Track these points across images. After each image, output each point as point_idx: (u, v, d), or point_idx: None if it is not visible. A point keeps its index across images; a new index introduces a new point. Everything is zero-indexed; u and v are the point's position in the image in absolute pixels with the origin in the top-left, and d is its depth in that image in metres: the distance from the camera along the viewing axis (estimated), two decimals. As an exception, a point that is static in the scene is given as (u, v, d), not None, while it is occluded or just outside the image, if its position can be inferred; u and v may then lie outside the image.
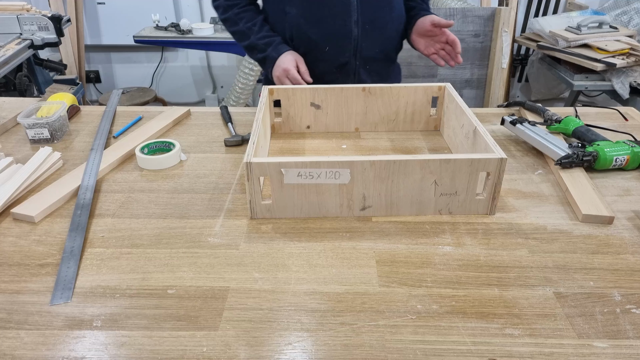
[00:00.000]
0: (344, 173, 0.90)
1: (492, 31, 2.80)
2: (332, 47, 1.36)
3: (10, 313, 0.74)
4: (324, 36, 1.35)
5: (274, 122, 1.29)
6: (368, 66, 1.41)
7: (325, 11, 1.32)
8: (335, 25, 1.33)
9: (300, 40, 1.37)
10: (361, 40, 1.36)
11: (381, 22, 1.36)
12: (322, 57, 1.37)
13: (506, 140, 1.25)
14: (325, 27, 1.33)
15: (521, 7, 3.35)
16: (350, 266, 0.83)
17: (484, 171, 0.92)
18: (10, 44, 2.16)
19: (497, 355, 0.67)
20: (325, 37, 1.35)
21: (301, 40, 1.37)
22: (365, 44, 1.37)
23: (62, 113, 1.27)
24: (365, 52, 1.38)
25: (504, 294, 0.77)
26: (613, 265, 0.83)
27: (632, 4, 2.96)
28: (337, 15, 1.32)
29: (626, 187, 1.05)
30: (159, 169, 1.13)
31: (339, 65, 1.39)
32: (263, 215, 0.95)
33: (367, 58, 1.40)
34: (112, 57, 3.62)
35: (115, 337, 0.70)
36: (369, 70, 1.42)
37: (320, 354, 0.67)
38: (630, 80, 2.52)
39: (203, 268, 0.83)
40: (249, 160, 0.88)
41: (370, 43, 1.37)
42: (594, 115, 1.40)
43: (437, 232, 0.92)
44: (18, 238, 0.90)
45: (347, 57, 1.38)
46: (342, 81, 1.38)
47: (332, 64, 1.39)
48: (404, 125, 1.31)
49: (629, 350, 0.67)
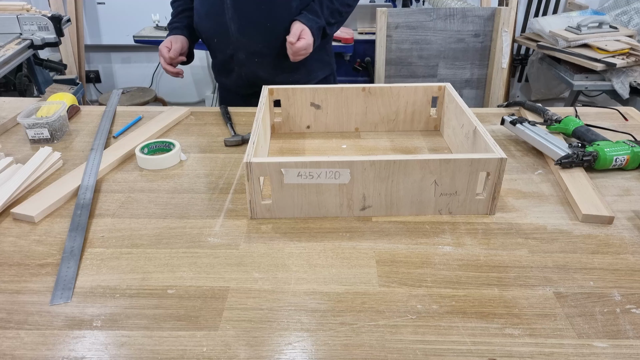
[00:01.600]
0: (344, 173, 0.90)
1: (492, 31, 2.80)
2: (218, 40, 1.48)
3: (10, 313, 0.74)
4: (209, 30, 1.48)
5: (274, 122, 1.29)
6: (257, 60, 1.47)
7: (209, 6, 1.44)
8: (214, 21, 1.44)
9: (199, 31, 1.53)
10: (241, 36, 1.43)
11: (257, 19, 1.41)
12: (215, 47, 1.52)
13: (506, 140, 1.25)
14: (209, 22, 1.47)
15: (521, 7, 3.35)
16: (350, 266, 0.83)
17: (484, 171, 0.92)
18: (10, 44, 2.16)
19: (497, 355, 0.67)
20: (210, 31, 1.48)
21: (200, 32, 1.52)
22: (245, 39, 1.44)
23: (62, 113, 1.27)
24: (248, 47, 1.45)
25: (504, 294, 0.77)
26: (613, 265, 0.83)
27: (632, 4, 2.96)
28: (215, 12, 1.43)
29: (626, 187, 1.05)
30: (159, 169, 1.13)
31: (228, 56, 1.49)
32: (263, 215, 0.95)
33: (252, 52, 1.46)
34: (112, 57, 3.62)
35: (115, 337, 0.70)
36: (259, 63, 1.48)
37: (320, 354, 0.67)
38: (630, 80, 2.52)
39: (203, 268, 0.83)
40: (249, 160, 0.88)
41: (250, 39, 1.43)
42: (594, 115, 1.40)
43: (437, 232, 0.92)
44: (18, 238, 0.90)
45: (232, 51, 1.47)
46: (237, 71, 1.52)
47: (224, 54, 1.50)
48: (404, 125, 1.31)
49: (629, 350, 0.67)
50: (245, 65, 1.49)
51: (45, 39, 2.25)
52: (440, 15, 2.76)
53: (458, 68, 2.89)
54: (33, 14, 2.27)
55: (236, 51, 1.47)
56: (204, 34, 1.52)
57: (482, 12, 2.78)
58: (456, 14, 2.77)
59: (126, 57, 3.62)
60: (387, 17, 2.74)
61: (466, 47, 2.84)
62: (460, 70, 2.90)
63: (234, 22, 1.41)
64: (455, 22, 2.78)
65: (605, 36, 2.70)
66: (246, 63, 1.48)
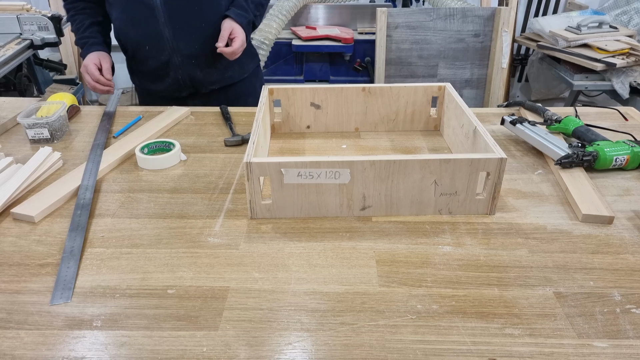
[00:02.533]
0: (344, 173, 0.90)
1: (492, 31, 2.80)
2: (151, 47, 1.45)
3: (10, 313, 0.74)
4: (141, 37, 1.44)
5: (274, 122, 1.29)
6: (194, 61, 1.48)
7: (137, 14, 1.40)
8: (146, 28, 1.41)
9: (125, 41, 1.48)
10: (176, 40, 1.43)
11: (192, 23, 1.42)
12: (147, 54, 1.47)
13: (506, 140, 1.25)
14: (140, 29, 1.42)
15: (521, 7, 3.35)
16: (350, 266, 0.83)
17: (484, 171, 0.92)
18: (10, 44, 2.15)
19: (497, 355, 0.67)
20: (142, 38, 1.44)
21: (126, 41, 1.48)
22: (181, 43, 1.43)
23: (62, 113, 1.27)
24: (184, 50, 1.45)
25: (504, 294, 0.77)
26: (613, 265, 0.83)
27: (632, 4, 2.96)
28: (147, 18, 1.40)
29: (626, 187, 1.05)
30: (159, 169, 1.13)
31: (163, 62, 1.47)
32: (263, 215, 0.95)
33: (189, 55, 1.46)
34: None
35: (115, 337, 0.70)
36: (195, 64, 1.48)
37: (320, 354, 0.67)
38: (630, 80, 2.52)
39: (203, 268, 0.83)
40: (249, 160, 0.88)
41: (186, 42, 1.44)
42: (594, 115, 1.40)
43: (437, 232, 0.91)
44: (18, 238, 0.90)
45: (168, 55, 1.45)
46: (172, 76, 1.49)
47: (158, 61, 1.47)
48: (404, 125, 1.31)
49: (629, 350, 0.67)
50: (181, 68, 1.47)
51: (45, 39, 2.25)
52: (440, 15, 2.76)
53: (458, 68, 2.89)
54: (33, 14, 2.27)
55: (172, 56, 1.45)
56: (130, 43, 1.47)
57: (482, 12, 2.78)
58: (456, 14, 2.77)
59: (126, 57, 3.62)
60: (387, 17, 2.74)
61: (466, 47, 2.84)
62: (460, 70, 2.90)
63: (167, 26, 1.40)
64: (455, 22, 2.78)
65: (605, 36, 2.70)
66: (182, 66, 1.47)
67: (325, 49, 2.93)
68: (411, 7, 3.20)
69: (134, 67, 1.56)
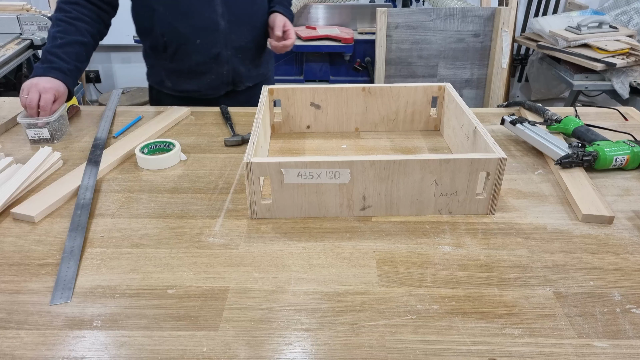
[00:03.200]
0: (344, 173, 0.90)
1: (492, 31, 2.80)
2: (202, 40, 1.41)
3: (10, 313, 0.74)
4: (193, 30, 1.39)
5: (274, 122, 1.29)
6: (240, 55, 1.48)
7: (191, 6, 1.37)
8: (203, 20, 1.38)
9: (171, 35, 1.40)
10: (229, 32, 1.42)
11: (245, 14, 1.43)
12: (194, 49, 1.42)
13: (506, 140, 1.25)
14: (193, 21, 1.38)
15: (521, 7, 3.35)
16: (350, 266, 0.83)
17: (483, 171, 0.92)
18: (10, 44, 2.16)
19: (497, 355, 0.67)
20: (194, 31, 1.39)
21: (172, 35, 1.40)
22: (234, 35, 1.43)
23: (62, 113, 1.27)
24: (235, 43, 1.45)
25: (504, 294, 0.77)
26: (613, 265, 0.83)
27: (632, 4, 2.96)
28: (203, 10, 1.37)
29: (626, 187, 1.05)
30: (159, 169, 1.13)
31: (212, 56, 1.44)
32: (263, 215, 0.95)
33: (238, 48, 1.46)
34: (112, 57, 3.62)
35: (115, 337, 0.70)
36: (242, 58, 1.49)
37: (320, 354, 0.67)
38: (630, 80, 2.52)
39: (203, 268, 0.83)
40: (249, 160, 0.88)
41: (239, 34, 1.44)
42: (594, 115, 1.40)
43: (437, 232, 0.91)
44: (18, 238, 0.90)
45: (219, 48, 1.43)
46: (216, 71, 1.47)
47: (206, 55, 1.43)
48: (404, 125, 1.31)
49: (629, 350, 0.67)
50: (228, 62, 1.46)
51: (45, 39, 2.25)
52: (440, 15, 2.76)
53: (458, 68, 2.89)
54: (33, 14, 2.27)
55: (223, 49, 1.43)
56: (177, 38, 1.39)
57: (482, 12, 2.78)
58: (456, 14, 2.77)
59: (126, 57, 3.62)
60: (387, 17, 2.73)
61: (466, 47, 2.84)
62: (460, 70, 2.90)
63: (224, 18, 1.39)
64: (455, 22, 2.78)
65: (605, 36, 2.70)
66: (229, 60, 1.46)
67: (325, 49, 2.93)
68: (411, 7, 3.20)
69: (171, 65, 1.47)
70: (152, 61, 1.52)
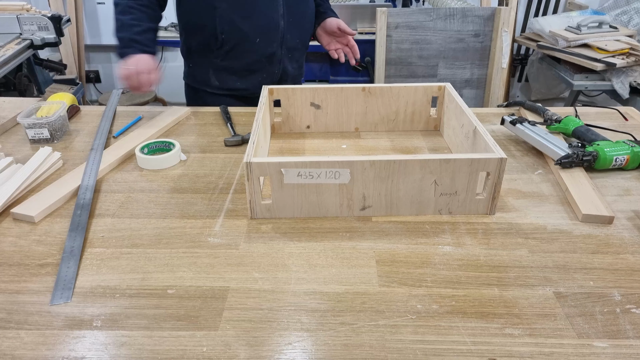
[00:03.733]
0: (344, 173, 0.90)
1: (492, 31, 2.80)
2: (262, 39, 1.45)
3: (10, 313, 0.74)
4: (254, 29, 1.43)
5: (274, 122, 1.29)
6: (290, 55, 1.54)
7: (255, 6, 1.40)
8: (265, 19, 1.43)
9: (230, 33, 1.42)
10: (286, 32, 1.48)
11: (301, 15, 1.51)
12: (252, 48, 1.46)
13: (506, 140, 1.25)
14: (255, 21, 1.42)
15: (521, 7, 3.35)
16: (350, 266, 0.83)
17: (483, 171, 0.92)
18: (10, 44, 2.16)
19: (497, 355, 0.67)
20: (255, 30, 1.43)
21: (232, 33, 1.42)
22: (289, 35, 1.49)
23: (62, 113, 1.27)
24: (289, 43, 1.51)
25: (504, 294, 0.77)
26: (613, 265, 0.83)
27: (632, 4, 2.96)
28: (266, 9, 1.42)
29: (626, 187, 1.05)
30: (159, 169, 1.13)
31: (267, 55, 1.48)
32: (263, 215, 0.95)
33: (290, 47, 1.52)
34: (112, 57, 3.62)
35: (115, 337, 0.70)
36: (291, 58, 1.55)
37: (320, 354, 0.67)
38: (630, 80, 2.52)
39: (203, 268, 0.83)
40: (249, 160, 0.88)
41: (292, 34, 1.50)
42: (594, 115, 1.40)
43: (437, 232, 0.91)
44: (18, 238, 0.90)
45: (275, 48, 1.48)
46: (268, 69, 1.51)
47: (262, 54, 1.48)
48: (404, 125, 1.31)
49: (629, 350, 0.67)
50: (280, 62, 1.52)
51: (45, 39, 2.25)
52: (440, 15, 2.76)
53: (458, 68, 2.89)
54: (33, 14, 2.27)
55: (278, 48, 1.48)
56: (236, 36, 1.42)
57: (482, 12, 2.78)
58: (456, 14, 2.77)
59: (126, 57, 3.62)
60: (387, 17, 2.73)
61: (466, 47, 2.84)
62: (460, 70, 2.90)
63: (284, 18, 1.44)
64: (455, 22, 2.78)
65: (605, 36, 2.70)
66: (282, 59, 1.52)
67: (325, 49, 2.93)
68: (411, 7, 3.20)
69: (222, 64, 1.48)
70: (198, 59, 1.51)
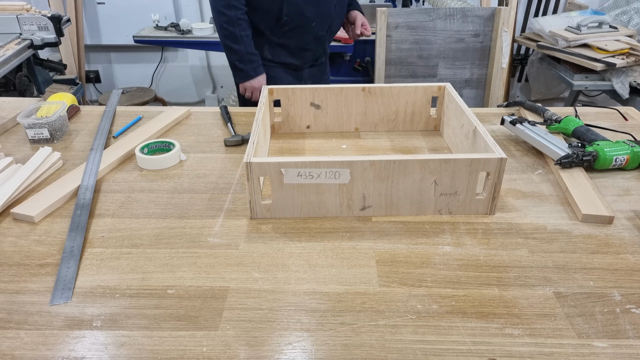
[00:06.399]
0: (343, 173, 0.90)
1: (492, 31, 2.80)
2: (317, 23, 1.74)
3: (10, 313, 0.74)
4: (316, 15, 1.72)
5: (274, 122, 1.29)
6: (330, 37, 1.86)
7: None
8: (325, 6, 1.72)
9: (294, 17, 1.69)
10: (334, 18, 1.78)
11: (343, 5, 1.82)
12: (308, 31, 1.75)
13: (506, 140, 1.25)
14: (318, 8, 1.71)
15: (521, 7, 3.35)
16: (350, 266, 0.83)
17: (483, 171, 0.92)
18: (10, 44, 2.16)
19: (497, 355, 0.67)
20: (315, 16, 1.72)
21: (295, 17, 1.70)
22: (335, 21, 1.80)
23: (62, 113, 1.27)
24: (333, 27, 1.82)
25: (504, 294, 0.77)
26: (613, 265, 0.83)
27: (632, 4, 2.96)
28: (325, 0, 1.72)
29: (626, 187, 1.05)
30: (159, 169, 1.13)
31: (317, 37, 1.78)
32: (263, 215, 0.95)
33: (332, 32, 1.84)
34: (112, 57, 3.62)
35: (115, 337, 0.70)
36: (327, 40, 1.86)
37: (320, 354, 0.67)
38: (630, 80, 2.52)
39: (203, 268, 0.83)
40: (249, 160, 0.88)
41: (337, 21, 1.82)
42: (594, 115, 1.40)
43: (437, 232, 0.92)
44: (18, 238, 0.90)
45: (324, 32, 1.79)
46: (315, 49, 1.83)
47: (313, 36, 1.77)
48: (404, 125, 1.31)
49: (629, 350, 0.67)
50: (324, 43, 1.83)
51: (45, 39, 2.25)
52: (440, 15, 2.76)
53: (458, 68, 2.89)
54: (33, 14, 2.27)
55: (326, 32, 1.77)
56: (302, 21, 1.70)
57: (482, 12, 2.78)
58: (456, 14, 2.77)
59: (126, 57, 3.62)
60: (387, 17, 2.73)
61: (466, 47, 2.84)
62: (460, 70, 2.90)
63: (335, 7, 1.73)
64: (455, 22, 2.78)
65: (605, 36, 2.70)
66: (326, 41, 1.83)
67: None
68: (411, 7, 3.20)
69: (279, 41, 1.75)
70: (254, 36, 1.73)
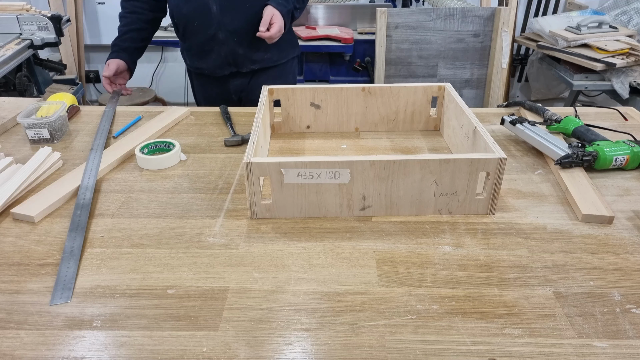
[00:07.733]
0: (343, 173, 0.90)
1: (492, 31, 2.80)
2: (199, 22, 1.57)
3: (10, 313, 0.74)
4: (192, 12, 1.57)
5: (274, 122, 1.29)
6: (235, 38, 1.58)
7: None
8: (197, 3, 1.54)
9: (178, 17, 1.60)
10: (222, 16, 1.55)
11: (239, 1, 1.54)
12: (194, 30, 1.60)
13: (506, 140, 1.25)
14: (191, 4, 1.55)
15: (521, 7, 3.35)
16: (350, 266, 0.83)
17: (483, 171, 0.92)
18: (10, 44, 2.15)
19: (497, 355, 0.67)
20: (192, 13, 1.57)
21: (179, 17, 1.60)
22: (226, 19, 1.55)
23: (62, 113, 1.27)
24: (229, 26, 1.56)
25: (504, 294, 0.77)
26: (613, 265, 0.83)
27: (631, 4, 2.96)
28: None
29: (626, 187, 1.05)
30: (159, 169, 1.13)
31: (209, 37, 1.58)
32: (263, 215, 0.95)
33: (232, 31, 1.57)
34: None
35: (115, 337, 0.70)
36: (238, 41, 1.59)
37: (320, 354, 0.67)
38: (630, 80, 2.52)
39: (203, 268, 0.83)
40: (249, 160, 0.88)
41: (231, 18, 1.55)
42: (594, 115, 1.40)
43: (437, 232, 0.92)
44: (18, 238, 0.90)
45: (214, 30, 1.57)
46: (217, 51, 1.60)
47: (203, 36, 1.59)
48: (404, 125, 1.31)
49: (629, 350, 0.67)
50: (225, 44, 1.58)
51: (45, 39, 2.25)
52: (440, 15, 2.76)
53: (458, 68, 2.89)
54: (33, 14, 2.27)
55: (217, 31, 1.56)
56: (182, 19, 1.59)
57: (482, 12, 2.78)
58: (456, 14, 2.77)
59: (126, 57, 3.62)
60: (387, 17, 2.73)
61: (466, 47, 2.84)
62: (460, 70, 2.90)
63: (215, 3, 1.52)
64: (455, 22, 2.78)
65: (605, 36, 2.70)
66: (226, 42, 1.58)
67: (325, 49, 2.93)
68: (411, 7, 3.20)
69: (185, 44, 1.69)
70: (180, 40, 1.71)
